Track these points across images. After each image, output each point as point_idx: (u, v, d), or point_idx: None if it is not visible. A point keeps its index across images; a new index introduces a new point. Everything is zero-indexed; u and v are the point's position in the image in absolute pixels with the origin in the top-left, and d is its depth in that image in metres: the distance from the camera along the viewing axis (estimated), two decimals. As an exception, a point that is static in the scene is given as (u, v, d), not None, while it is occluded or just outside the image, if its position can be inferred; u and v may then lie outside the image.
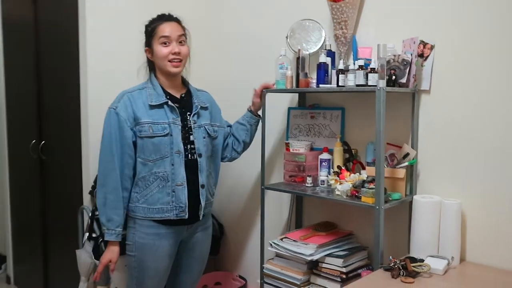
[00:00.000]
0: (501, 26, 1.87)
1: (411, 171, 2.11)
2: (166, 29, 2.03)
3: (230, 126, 2.37)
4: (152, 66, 2.14)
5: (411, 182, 2.12)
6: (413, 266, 1.82)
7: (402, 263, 1.84)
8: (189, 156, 2.06)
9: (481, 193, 1.95)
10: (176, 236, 2.11)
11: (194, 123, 2.10)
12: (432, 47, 2.04)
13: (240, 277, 2.92)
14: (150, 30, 2.06)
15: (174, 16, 2.12)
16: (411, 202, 2.11)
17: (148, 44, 2.08)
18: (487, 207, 1.94)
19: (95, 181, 2.69)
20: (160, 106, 2.02)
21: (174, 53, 2.03)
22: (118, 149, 2.00)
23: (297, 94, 2.52)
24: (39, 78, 3.19)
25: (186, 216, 2.06)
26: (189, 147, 2.06)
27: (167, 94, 2.08)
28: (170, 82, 2.11)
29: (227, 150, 2.33)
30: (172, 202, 2.02)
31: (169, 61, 2.03)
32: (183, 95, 2.15)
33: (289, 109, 2.56)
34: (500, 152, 1.89)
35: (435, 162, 2.07)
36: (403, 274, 1.80)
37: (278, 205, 2.66)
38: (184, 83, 2.20)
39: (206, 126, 2.16)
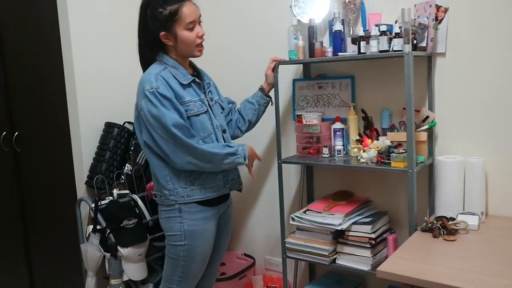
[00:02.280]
0: (515, -14, 1.93)
1: (430, 133, 2.15)
2: (190, 12, 1.87)
3: (231, 102, 2.29)
4: (160, 47, 1.93)
5: (430, 145, 2.17)
6: (451, 225, 1.87)
7: (439, 222, 1.89)
8: None
9: (499, 149, 2.04)
10: (218, 215, 2.06)
11: (211, 100, 2.03)
12: (446, 10, 2.07)
13: (246, 255, 2.88)
14: (170, 14, 1.84)
15: None
16: (430, 165, 2.17)
17: (167, 28, 1.86)
18: (507, 163, 2.03)
19: (91, 170, 2.54)
20: (189, 84, 1.91)
21: (201, 37, 1.91)
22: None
23: (301, 66, 2.48)
24: (4, 63, 2.89)
25: (241, 187, 2.07)
26: None
27: None
28: (184, 62, 1.98)
29: (230, 127, 2.23)
30: (225, 176, 1.99)
31: (196, 45, 1.91)
32: (194, 74, 2.04)
33: (294, 80, 2.52)
34: (517, 109, 1.98)
35: (452, 124, 2.13)
36: (443, 233, 1.85)
37: (285, 179, 2.61)
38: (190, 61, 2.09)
39: (219, 102, 2.12)
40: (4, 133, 2.97)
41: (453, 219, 1.95)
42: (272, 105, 2.28)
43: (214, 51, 2.82)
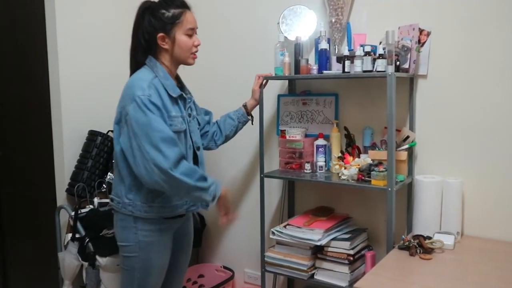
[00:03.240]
0: (495, 12, 1.99)
1: (410, 153, 2.20)
2: (192, 20, 1.89)
3: (208, 113, 2.27)
4: (153, 51, 1.90)
5: (409, 164, 2.21)
6: (428, 243, 1.91)
7: (416, 241, 1.93)
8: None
9: (477, 171, 2.09)
10: (173, 229, 2.02)
11: (189, 116, 1.99)
12: (428, 34, 2.13)
13: (225, 267, 2.88)
14: (173, 17, 1.85)
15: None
16: (409, 184, 2.21)
17: (166, 31, 1.85)
18: (483, 184, 2.08)
19: (72, 178, 2.52)
20: (176, 99, 1.89)
21: (197, 46, 1.92)
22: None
23: (286, 81, 2.52)
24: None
25: (198, 209, 2.03)
26: None
27: None
28: (173, 70, 1.97)
29: (205, 139, 2.23)
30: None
31: (191, 53, 1.92)
32: (179, 85, 2.02)
33: (279, 96, 2.55)
34: (494, 132, 2.04)
35: (432, 144, 2.18)
36: (420, 251, 1.88)
37: (267, 194, 2.64)
38: None
39: (197, 117, 2.10)
40: (-15, 137, 2.94)
41: (430, 238, 1.98)
42: (252, 124, 2.30)
43: (200, 66, 2.83)
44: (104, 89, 2.62)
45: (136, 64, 1.90)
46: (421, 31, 2.13)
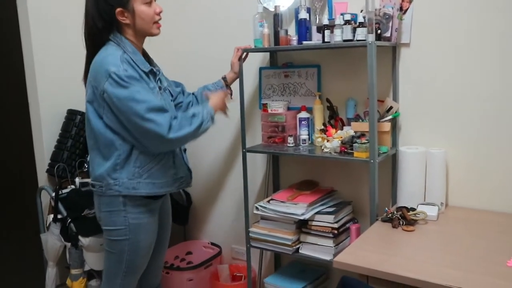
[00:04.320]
0: (479, -23, 1.93)
1: (394, 124, 2.16)
2: None
3: (179, 85, 2.22)
4: (115, 27, 1.82)
5: (393, 135, 2.17)
6: (411, 215, 1.89)
7: (399, 213, 1.90)
8: None
9: (461, 141, 2.06)
10: (158, 207, 2.00)
11: (160, 89, 1.94)
12: (411, 0, 2.06)
13: (213, 244, 2.87)
14: None
15: None
16: (393, 155, 2.18)
17: (123, 4, 1.77)
18: (467, 154, 2.05)
19: (52, 159, 2.47)
20: (147, 73, 1.84)
21: (158, 14, 1.84)
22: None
23: (268, 54, 2.45)
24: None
25: (190, 186, 1.99)
26: None
27: None
28: (140, 45, 1.90)
29: (179, 110, 2.15)
30: (174, 174, 1.90)
31: (154, 22, 1.84)
32: (146, 60, 1.95)
33: (261, 69, 2.49)
34: (478, 100, 1.99)
35: (416, 115, 2.14)
36: (402, 223, 1.86)
37: (251, 169, 2.60)
38: None
39: (169, 88, 2.05)
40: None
41: (414, 209, 1.96)
42: (231, 98, 2.24)
43: (176, 39, 2.78)
44: (81, 67, 2.53)
45: (97, 44, 1.81)
46: (403, -3, 2.06)
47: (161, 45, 2.08)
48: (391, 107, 2.12)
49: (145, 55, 1.96)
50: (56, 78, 2.48)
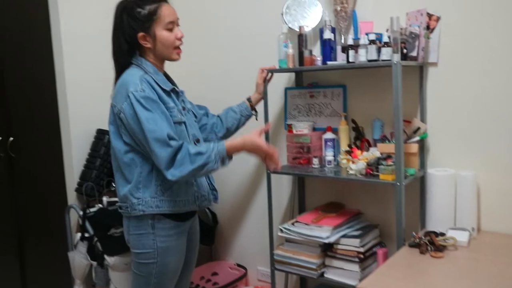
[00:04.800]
0: (509, -5, 1.87)
1: (422, 145, 2.10)
2: (170, 13, 1.83)
3: (202, 108, 2.21)
4: (137, 50, 1.86)
5: (421, 157, 2.11)
6: (439, 240, 1.81)
7: (427, 238, 1.83)
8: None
9: (492, 163, 1.97)
10: (187, 230, 1.99)
11: (184, 109, 1.94)
12: (438, 19, 2.01)
13: (239, 265, 2.84)
14: (149, 14, 1.79)
15: None
16: (422, 177, 2.11)
17: (146, 28, 1.80)
18: (499, 177, 1.96)
19: (81, 178, 2.52)
20: (169, 92, 1.86)
21: (180, 39, 1.86)
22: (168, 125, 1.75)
23: (293, 74, 2.44)
24: (2, 70, 2.90)
25: (210, 204, 1.98)
26: None
27: None
28: (161, 67, 1.92)
29: (204, 131, 2.16)
30: (195, 192, 1.90)
31: (175, 47, 1.86)
32: (169, 81, 1.97)
33: (286, 89, 2.48)
34: (509, 122, 1.92)
35: (445, 136, 2.07)
36: (431, 249, 1.79)
37: (277, 190, 2.58)
38: None
39: (192, 110, 2.05)
40: (0, 138, 2.98)
41: (443, 234, 1.88)
42: (256, 119, 2.23)
43: (201, 61, 2.81)
44: (110, 88, 2.60)
45: (122, 65, 1.85)
46: (430, 16, 2.02)
47: (185, 67, 2.11)
48: (418, 128, 2.06)
49: (167, 77, 1.98)
50: (87, 98, 2.54)
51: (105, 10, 2.02)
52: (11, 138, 2.92)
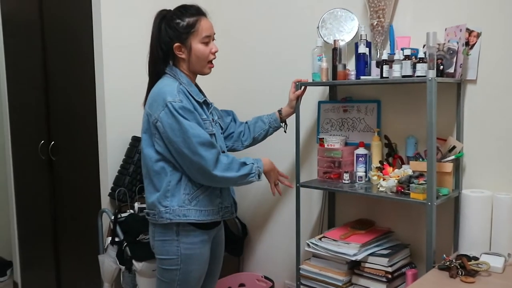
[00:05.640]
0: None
1: (457, 164, 2.03)
2: (208, 27, 1.87)
3: (230, 114, 2.24)
4: (172, 60, 1.92)
5: (456, 177, 2.04)
6: (472, 265, 1.74)
7: (459, 261, 1.76)
8: None
9: (533, 186, 1.88)
10: (211, 239, 2.00)
11: (212, 121, 1.97)
12: (478, 35, 1.95)
13: (266, 277, 2.82)
14: (188, 26, 1.84)
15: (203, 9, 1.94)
16: (456, 198, 2.04)
17: (182, 39, 1.85)
18: (541, 201, 1.86)
19: (114, 183, 2.58)
20: (201, 104, 1.89)
21: (214, 53, 1.90)
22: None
23: (327, 87, 2.42)
24: (47, 76, 3.04)
25: (232, 216, 1.99)
26: None
27: None
28: (193, 78, 1.96)
29: (230, 140, 2.20)
30: (220, 203, 1.91)
31: (209, 61, 1.90)
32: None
33: (319, 103, 2.46)
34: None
35: (482, 155, 1.99)
36: (461, 273, 1.72)
37: (307, 203, 2.56)
38: None
39: (219, 121, 2.08)
40: (42, 142, 3.10)
41: (476, 258, 1.81)
42: (285, 132, 2.24)
43: (234, 73, 2.83)
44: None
45: (156, 73, 1.90)
46: (470, 32, 1.96)
47: (218, 78, 2.13)
48: (454, 147, 1.99)
49: (198, 89, 2.00)
50: (124, 105, 2.60)
51: (145, 20, 2.08)
52: (52, 142, 3.05)
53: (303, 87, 2.22)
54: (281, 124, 2.23)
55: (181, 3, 1.94)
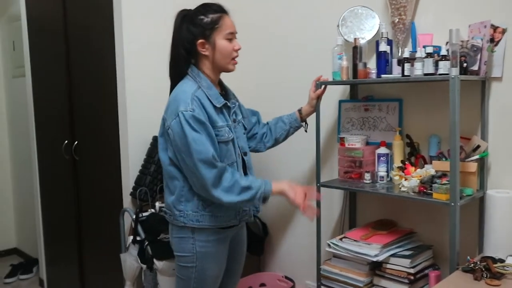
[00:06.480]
0: None
1: (482, 164, 1.98)
2: (231, 24, 1.86)
3: (255, 114, 2.21)
4: (194, 59, 1.88)
5: (481, 177, 1.99)
6: (497, 267, 1.69)
7: (483, 263, 1.72)
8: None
9: (561, 186, 1.82)
10: (229, 238, 2.00)
11: (234, 121, 1.95)
12: (503, 31, 1.90)
13: (287, 277, 2.81)
14: (212, 22, 1.82)
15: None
16: (481, 198, 1.99)
17: (206, 36, 1.82)
18: None
19: (136, 182, 2.60)
20: (220, 108, 1.86)
21: (237, 50, 1.88)
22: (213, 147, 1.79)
23: (348, 86, 2.40)
24: (70, 77, 3.09)
25: (251, 219, 1.98)
26: None
27: None
28: (215, 79, 1.93)
29: (253, 141, 2.17)
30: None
31: (232, 58, 1.88)
32: (223, 92, 1.98)
33: (340, 101, 2.43)
34: None
35: (507, 155, 1.94)
36: (486, 276, 1.67)
37: (328, 203, 2.53)
38: None
39: (242, 121, 2.05)
40: (66, 141, 3.16)
41: (502, 261, 1.76)
42: (306, 131, 2.21)
43: (254, 71, 2.82)
44: (166, 97, 2.68)
45: (178, 75, 1.88)
46: (495, 28, 1.91)
47: (239, 78, 2.12)
48: (478, 146, 1.95)
49: (222, 87, 1.99)
50: (145, 106, 2.62)
51: (165, 22, 2.08)
52: (76, 142, 3.10)
53: (323, 86, 2.20)
54: (302, 123, 2.20)
55: (202, 3, 1.92)
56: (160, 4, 2.67)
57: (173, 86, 1.91)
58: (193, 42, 1.84)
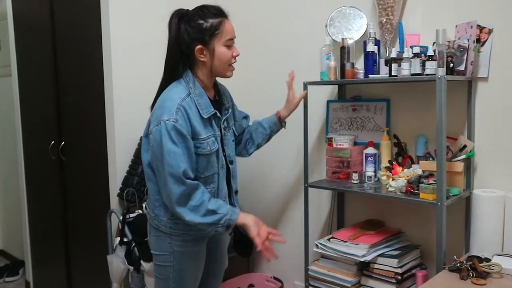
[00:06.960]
0: None
1: (468, 164, 1.99)
2: (231, 30, 1.78)
3: (246, 117, 2.16)
4: (190, 64, 1.80)
5: (468, 176, 2.00)
6: (483, 266, 1.70)
7: (469, 263, 1.73)
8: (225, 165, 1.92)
9: (546, 186, 1.84)
10: (207, 238, 1.95)
11: (225, 129, 1.91)
12: (490, 31, 1.91)
13: (275, 278, 2.80)
14: (211, 27, 1.72)
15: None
16: (467, 198, 2.00)
17: (205, 42, 1.74)
18: (555, 201, 1.82)
19: (123, 183, 2.58)
20: (208, 118, 1.80)
21: (235, 57, 1.82)
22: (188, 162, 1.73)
23: (336, 86, 2.40)
24: (57, 77, 3.05)
25: (230, 230, 1.96)
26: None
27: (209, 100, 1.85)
28: (209, 84, 1.86)
29: (237, 147, 2.11)
30: None
31: (229, 65, 1.81)
32: (216, 97, 1.92)
33: (328, 102, 2.43)
34: None
35: (494, 155, 1.96)
36: (472, 275, 1.68)
37: (316, 204, 2.53)
38: None
39: (233, 127, 2.00)
40: (53, 142, 3.12)
41: (487, 260, 1.77)
42: (284, 128, 2.16)
43: (242, 72, 2.78)
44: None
45: (170, 78, 1.80)
46: (481, 29, 1.92)
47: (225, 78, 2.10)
48: (465, 146, 1.96)
49: (216, 89, 1.93)
50: (132, 106, 2.60)
51: (154, 22, 2.04)
52: (63, 142, 3.07)
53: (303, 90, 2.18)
54: (281, 126, 2.15)
55: (194, 3, 1.83)
56: (148, 3, 2.65)
57: (162, 87, 1.84)
58: (190, 47, 1.75)
